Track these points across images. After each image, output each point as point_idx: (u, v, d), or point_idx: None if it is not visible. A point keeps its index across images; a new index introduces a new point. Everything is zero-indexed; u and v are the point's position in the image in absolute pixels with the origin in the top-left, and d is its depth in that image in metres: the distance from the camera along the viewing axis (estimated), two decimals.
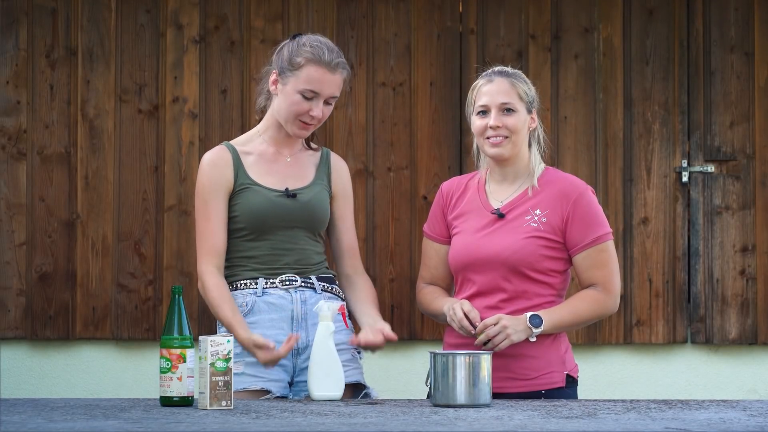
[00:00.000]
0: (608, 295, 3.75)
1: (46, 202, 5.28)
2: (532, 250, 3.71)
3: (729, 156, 5.36)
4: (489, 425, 2.97)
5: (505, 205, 3.78)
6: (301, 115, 3.80)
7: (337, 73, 3.81)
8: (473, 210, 3.82)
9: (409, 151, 5.34)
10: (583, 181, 3.84)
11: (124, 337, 5.29)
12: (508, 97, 3.76)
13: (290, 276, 3.82)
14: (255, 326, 3.77)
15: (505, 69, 3.84)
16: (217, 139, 5.20)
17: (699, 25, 5.37)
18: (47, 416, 3.09)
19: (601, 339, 5.32)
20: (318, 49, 3.79)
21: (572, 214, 3.73)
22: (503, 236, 3.73)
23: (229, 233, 3.85)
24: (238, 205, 3.82)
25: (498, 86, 3.78)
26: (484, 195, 3.83)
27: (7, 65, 5.31)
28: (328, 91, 3.81)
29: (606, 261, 3.75)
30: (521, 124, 3.77)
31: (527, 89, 3.80)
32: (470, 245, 3.76)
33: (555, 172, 3.85)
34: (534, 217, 3.74)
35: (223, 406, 3.28)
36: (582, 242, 3.72)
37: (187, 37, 5.32)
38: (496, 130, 3.75)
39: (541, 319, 3.66)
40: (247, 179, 3.83)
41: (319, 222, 3.87)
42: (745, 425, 2.98)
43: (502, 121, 3.75)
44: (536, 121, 3.82)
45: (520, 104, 3.77)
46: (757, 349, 5.37)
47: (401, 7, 5.35)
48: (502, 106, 3.75)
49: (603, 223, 3.77)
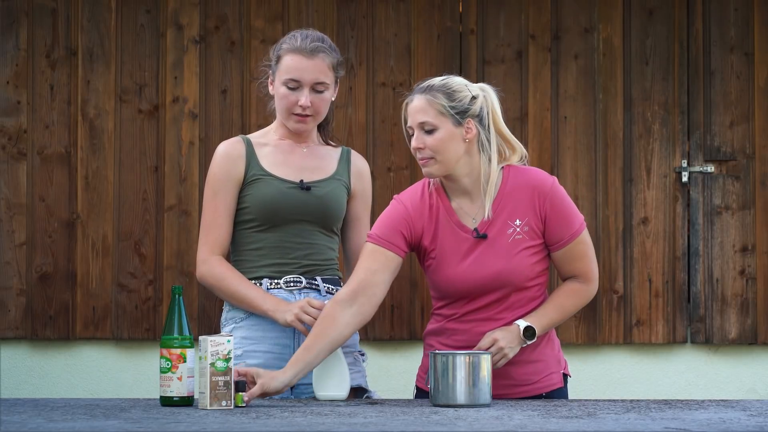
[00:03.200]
0: (589, 284, 3.73)
1: (47, 202, 5.29)
2: (525, 266, 3.65)
3: (729, 156, 5.37)
4: (489, 425, 2.97)
5: (481, 223, 3.65)
6: (291, 107, 3.79)
7: (317, 58, 3.77)
8: (447, 234, 3.65)
9: (409, 151, 5.32)
10: (546, 172, 3.71)
11: (124, 337, 5.29)
12: (425, 115, 3.58)
13: (295, 277, 3.80)
14: (257, 327, 3.76)
15: (429, 83, 3.63)
16: (217, 139, 5.20)
17: (699, 25, 5.37)
18: (47, 416, 3.10)
19: (601, 339, 5.32)
20: (293, 39, 3.78)
21: (549, 212, 3.67)
22: (493, 259, 3.64)
23: (238, 224, 3.82)
24: (249, 196, 3.79)
25: (416, 104, 3.60)
26: (455, 216, 3.65)
27: (7, 65, 5.31)
28: (309, 77, 3.77)
29: (584, 252, 3.72)
30: (445, 141, 3.58)
31: (448, 101, 3.58)
32: (462, 274, 3.63)
33: (515, 173, 3.67)
34: (516, 229, 3.66)
35: (223, 406, 3.28)
36: (561, 240, 3.69)
37: (187, 37, 5.32)
38: (421, 152, 3.64)
39: (534, 331, 3.63)
40: (260, 170, 3.80)
41: (332, 218, 3.82)
42: (744, 425, 2.98)
43: (423, 141, 3.59)
44: (475, 129, 3.61)
45: (442, 119, 3.58)
46: (757, 349, 5.37)
47: (401, 7, 5.36)
48: (421, 125, 3.59)
49: (576, 215, 3.70)
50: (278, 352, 3.77)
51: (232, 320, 3.81)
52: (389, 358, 5.27)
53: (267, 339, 3.76)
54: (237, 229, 3.83)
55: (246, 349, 3.75)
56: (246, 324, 3.77)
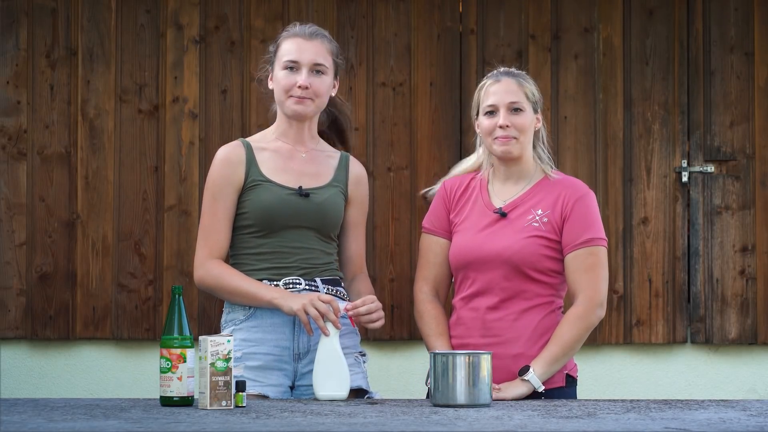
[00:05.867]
0: (591, 305, 3.71)
1: (46, 202, 5.29)
2: (533, 250, 3.71)
3: (729, 156, 5.37)
4: (489, 425, 2.97)
5: (508, 204, 3.79)
6: (290, 88, 3.81)
7: (315, 40, 3.82)
8: (475, 209, 3.82)
9: (409, 151, 5.34)
10: (587, 185, 3.86)
11: (124, 337, 5.29)
12: (517, 96, 3.78)
13: (294, 279, 3.80)
14: (256, 330, 3.76)
15: (511, 70, 3.87)
16: (217, 139, 5.20)
17: (699, 25, 5.37)
18: (47, 416, 3.10)
19: (601, 339, 5.32)
20: (292, 26, 3.90)
21: (570, 213, 3.74)
22: (505, 235, 3.73)
23: (238, 229, 3.83)
24: (248, 202, 3.80)
25: (506, 86, 3.79)
26: (486, 194, 3.83)
27: (7, 65, 5.31)
28: (308, 57, 3.80)
29: (594, 265, 3.73)
30: (529, 123, 3.79)
31: (534, 90, 3.83)
32: (472, 244, 3.76)
33: (558, 174, 3.86)
34: (536, 217, 3.75)
35: (223, 406, 3.28)
36: (575, 241, 3.72)
37: (187, 37, 5.32)
38: (506, 130, 3.76)
39: (527, 366, 3.65)
40: (260, 176, 3.81)
41: (330, 224, 3.84)
42: (744, 425, 2.98)
43: (510, 120, 3.76)
44: (541, 122, 3.85)
45: (527, 104, 3.79)
46: (757, 349, 5.37)
47: (401, 7, 5.36)
48: (511, 105, 3.77)
49: (599, 228, 3.77)
50: (278, 354, 3.76)
51: (232, 322, 3.80)
52: (389, 358, 5.27)
53: (266, 341, 3.76)
54: (236, 233, 3.83)
55: (245, 351, 3.75)
56: (245, 326, 3.77)
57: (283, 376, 3.75)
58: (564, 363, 3.70)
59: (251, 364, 3.69)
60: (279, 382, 3.74)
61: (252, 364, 3.69)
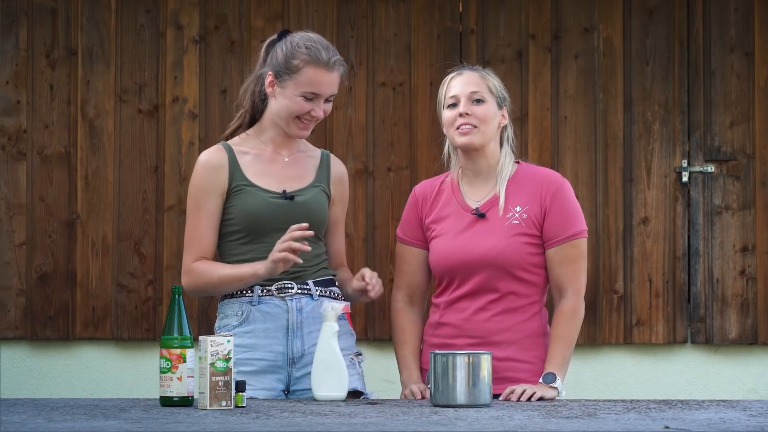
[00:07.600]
0: (580, 297, 3.74)
1: (46, 202, 5.29)
2: (517, 249, 3.70)
3: (729, 156, 5.37)
4: (489, 425, 2.97)
5: (483, 204, 3.75)
6: (302, 115, 3.79)
7: (335, 71, 3.80)
8: (451, 212, 3.79)
9: (409, 151, 5.34)
10: (560, 174, 3.83)
11: (124, 337, 5.29)
12: (478, 86, 3.76)
13: (286, 283, 3.78)
14: (249, 335, 3.74)
15: (475, 66, 3.88)
16: (216, 139, 5.19)
17: (699, 25, 5.37)
18: (47, 416, 3.09)
19: (601, 339, 5.32)
20: (315, 50, 3.77)
21: (550, 206, 3.73)
22: (487, 237, 3.71)
23: (224, 236, 3.82)
24: (233, 207, 3.79)
25: (468, 78, 3.78)
26: (460, 196, 3.80)
27: (7, 65, 5.31)
28: (329, 90, 3.80)
29: (576, 257, 3.74)
30: (491, 114, 3.75)
31: (497, 84, 3.80)
32: (454, 247, 3.73)
33: (528, 167, 3.83)
34: (515, 214, 3.73)
35: (223, 406, 3.28)
36: (558, 236, 3.72)
37: (187, 37, 5.32)
38: (465, 118, 3.73)
39: (553, 374, 3.66)
40: (243, 180, 3.80)
41: (317, 225, 3.83)
42: (745, 425, 2.98)
43: (470, 109, 3.74)
44: (507, 119, 3.81)
45: (490, 96, 3.76)
46: (757, 349, 5.37)
47: (401, 7, 5.36)
48: (472, 95, 3.75)
49: (580, 220, 3.76)
50: (271, 360, 3.75)
51: (225, 328, 3.80)
52: (389, 358, 5.26)
53: (260, 346, 3.75)
54: (223, 241, 3.83)
55: (239, 357, 3.72)
56: (238, 332, 3.75)
57: (277, 381, 3.74)
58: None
59: (245, 369, 3.68)
60: (272, 386, 3.73)
61: (246, 370, 3.67)
